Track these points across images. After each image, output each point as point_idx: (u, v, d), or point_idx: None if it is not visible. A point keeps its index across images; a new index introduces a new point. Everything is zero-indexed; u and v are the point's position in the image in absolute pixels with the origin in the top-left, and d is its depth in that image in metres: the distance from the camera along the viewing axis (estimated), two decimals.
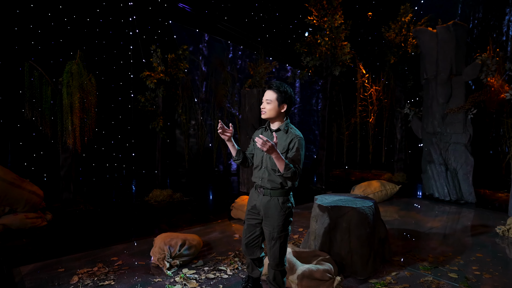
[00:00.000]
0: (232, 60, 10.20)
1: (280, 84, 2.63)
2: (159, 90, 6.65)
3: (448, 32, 6.32)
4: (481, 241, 4.36)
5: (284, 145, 2.60)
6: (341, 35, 6.95)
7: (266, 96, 2.60)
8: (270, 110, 2.59)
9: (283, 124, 2.67)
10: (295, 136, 2.60)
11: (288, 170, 2.49)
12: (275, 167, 2.61)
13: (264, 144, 2.31)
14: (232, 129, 2.64)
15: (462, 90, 6.38)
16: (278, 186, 2.64)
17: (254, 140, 2.81)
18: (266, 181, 2.65)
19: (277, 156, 2.39)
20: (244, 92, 7.14)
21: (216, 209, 6.01)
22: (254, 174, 2.78)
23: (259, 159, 2.71)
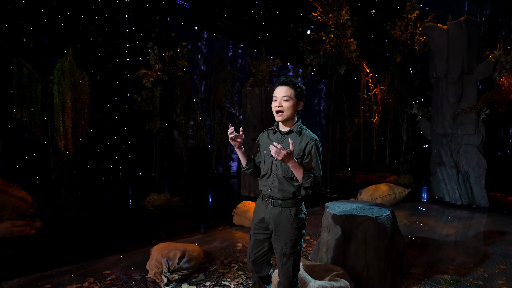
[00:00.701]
0: (232, 58, 9.89)
1: (293, 79, 2.32)
2: (156, 89, 6.33)
3: (459, 29, 6.03)
4: (502, 251, 4.07)
5: (299, 150, 2.29)
6: (347, 31, 6.65)
7: (281, 92, 2.25)
8: (288, 109, 2.25)
9: (296, 125, 2.35)
10: (311, 139, 2.29)
11: (307, 179, 2.18)
12: (287, 174, 2.30)
13: (278, 153, 2.04)
14: (242, 135, 2.33)
15: (474, 89, 6.10)
16: (290, 196, 2.33)
17: (260, 144, 2.51)
18: (276, 190, 2.34)
19: (294, 164, 2.11)
20: (245, 91, 6.84)
21: (217, 215, 5.69)
22: (262, 182, 2.46)
23: (268, 165, 2.40)
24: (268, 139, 2.45)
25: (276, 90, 2.30)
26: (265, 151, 2.42)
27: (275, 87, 2.33)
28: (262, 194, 2.48)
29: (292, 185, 2.33)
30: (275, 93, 2.30)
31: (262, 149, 2.47)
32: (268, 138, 2.46)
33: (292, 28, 10.71)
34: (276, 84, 2.34)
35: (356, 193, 6.62)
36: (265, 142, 2.45)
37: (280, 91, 2.27)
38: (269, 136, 2.47)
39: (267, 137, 2.47)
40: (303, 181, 2.19)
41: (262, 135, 2.54)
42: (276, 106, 2.27)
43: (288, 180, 2.32)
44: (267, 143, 2.43)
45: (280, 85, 2.28)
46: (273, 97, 2.31)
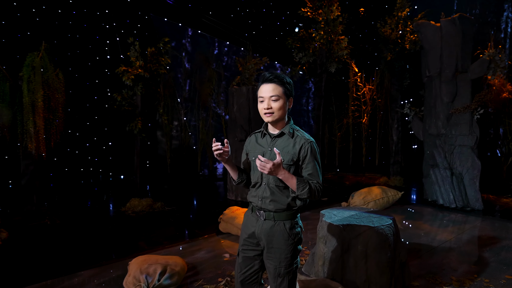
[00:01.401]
0: (217, 56, 9.55)
1: (280, 74, 2.00)
2: (137, 87, 5.95)
3: (453, 26, 5.85)
4: (504, 258, 3.86)
5: (293, 154, 2.00)
6: (337, 28, 6.41)
7: (268, 91, 1.95)
8: (279, 109, 1.96)
9: (287, 126, 2.06)
10: (306, 141, 2.01)
11: (303, 189, 1.91)
12: (281, 182, 2.01)
13: (264, 166, 1.84)
14: (229, 147, 2.02)
15: (468, 89, 5.93)
16: (283, 207, 2.04)
17: (248, 150, 2.20)
18: (268, 201, 2.04)
19: (284, 176, 1.90)
20: (232, 90, 6.51)
21: (202, 221, 5.35)
22: (251, 192, 2.15)
23: (258, 173, 2.09)
24: (257, 143, 2.14)
25: (261, 89, 1.98)
26: (254, 157, 2.11)
27: (260, 86, 2.01)
28: (251, 206, 2.17)
29: (286, 195, 2.03)
30: (260, 92, 1.98)
31: (251, 155, 2.16)
32: (256, 142, 2.15)
33: (280, 26, 10.43)
34: (261, 82, 2.01)
35: (347, 196, 6.39)
36: (253, 147, 2.14)
37: (266, 90, 1.95)
38: (257, 139, 2.16)
39: (255, 141, 2.16)
40: (298, 191, 1.93)
41: (250, 139, 2.22)
42: (265, 108, 1.96)
43: (282, 190, 2.03)
44: (255, 148, 2.13)
45: (265, 83, 1.97)
46: (259, 97, 1.99)
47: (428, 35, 6.19)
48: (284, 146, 2.03)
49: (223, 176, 9.57)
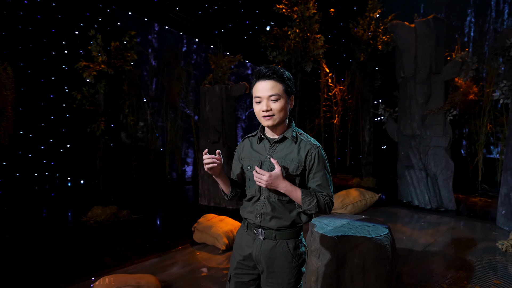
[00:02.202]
0: (186, 54, 9.10)
1: (279, 69, 1.69)
2: (100, 85, 5.42)
3: (428, 27, 5.86)
4: (488, 262, 3.82)
5: (298, 162, 1.71)
6: (314, 26, 6.23)
7: (266, 90, 1.65)
8: (280, 111, 1.67)
9: (290, 129, 1.76)
10: (312, 146, 1.73)
11: (310, 203, 1.64)
12: (283, 196, 1.72)
13: (260, 179, 1.63)
14: (221, 158, 1.72)
15: (441, 90, 5.96)
16: (287, 224, 1.75)
17: (242, 157, 1.88)
18: (268, 218, 1.74)
19: (286, 189, 1.65)
20: (203, 89, 6.14)
21: (174, 231, 4.93)
22: (246, 207, 1.84)
23: (255, 186, 1.78)
24: (252, 149, 1.82)
25: (257, 87, 1.67)
26: (250, 166, 1.80)
27: (255, 83, 1.70)
28: (247, 223, 1.84)
29: (290, 210, 1.74)
30: (256, 91, 1.67)
31: (246, 164, 1.83)
32: (251, 148, 1.83)
33: (252, 23, 10.15)
34: (256, 78, 1.69)
35: None
36: (249, 155, 1.82)
37: (264, 89, 1.65)
38: (252, 145, 1.84)
39: (250, 147, 1.84)
40: (305, 206, 1.66)
41: (243, 145, 1.90)
42: (264, 110, 1.66)
43: (285, 204, 1.74)
44: (251, 156, 1.81)
45: (262, 80, 1.65)
46: (255, 97, 1.68)
47: (402, 36, 6.17)
48: (287, 153, 1.74)
49: (192, 179, 9.14)
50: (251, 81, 1.80)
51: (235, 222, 4.37)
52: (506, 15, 8.49)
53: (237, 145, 1.99)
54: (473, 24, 8.96)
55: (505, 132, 7.34)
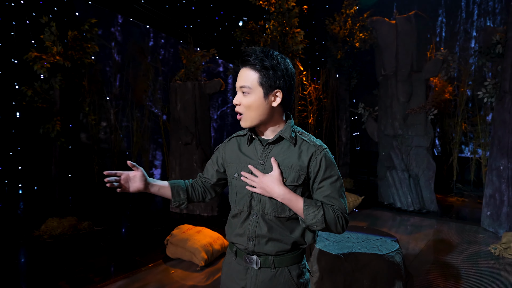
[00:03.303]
0: (153, 49, 8.47)
1: (262, 51, 1.32)
2: (55, 79, 4.76)
3: (409, 24, 5.70)
4: (485, 267, 3.63)
5: (299, 169, 1.35)
6: (293, 20, 5.88)
7: (240, 80, 1.34)
8: (249, 108, 1.34)
9: (287, 127, 1.40)
10: (317, 149, 1.36)
11: (315, 215, 1.29)
12: (283, 211, 1.37)
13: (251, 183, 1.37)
14: (139, 169, 1.46)
15: (423, 88, 5.83)
16: (288, 248, 1.38)
17: (226, 161, 1.50)
18: (264, 241, 1.37)
19: (285, 196, 1.33)
20: (174, 86, 5.62)
21: (144, 245, 4.37)
22: (234, 228, 1.45)
23: (245, 198, 1.41)
24: (241, 152, 1.45)
25: (238, 76, 1.38)
26: (237, 173, 1.42)
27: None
28: (235, 249, 1.44)
29: (291, 229, 1.38)
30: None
31: (231, 171, 1.46)
32: (239, 151, 1.45)
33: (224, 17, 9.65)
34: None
35: None
36: (236, 159, 1.45)
37: (238, 78, 1.35)
38: (240, 147, 1.46)
39: (238, 150, 1.46)
40: (308, 220, 1.31)
41: (228, 146, 1.51)
42: (234, 103, 1.37)
43: (284, 223, 1.39)
44: (238, 160, 1.44)
45: (241, 66, 1.34)
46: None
47: (383, 32, 5.98)
48: (284, 158, 1.37)
49: None
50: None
51: (213, 233, 3.92)
52: (475, 16, 8.61)
53: (219, 145, 1.59)
54: (444, 24, 9.03)
55: (478, 131, 7.40)
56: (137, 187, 1.44)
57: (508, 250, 3.85)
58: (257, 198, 1.40)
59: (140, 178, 1.43)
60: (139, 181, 1.44)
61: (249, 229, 1.39)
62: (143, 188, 1.45)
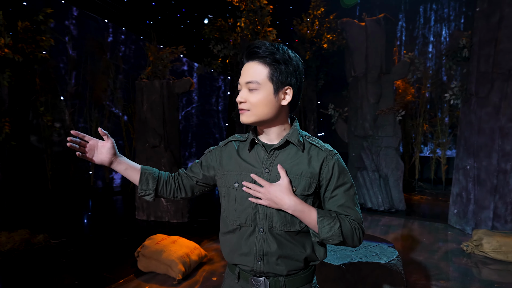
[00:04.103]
0: (112, 45, 7.94)
1: (272, 45, 1.19)
2: (3, 75, 4.22)
3: (378, 26, 5.79)
4: (461, 267, 3.70)
5: (310, 177, 1.22)
6: (266, 19, 5.74)
7: (245, 74, 1.18)
8: (257, 105, 1.19)
9: (294, 130, 1.26)
10: (328, 154, 1.25)
11: (332, 227, 1.17)
12: (293, 224, 1.23)
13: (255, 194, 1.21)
14: (109, 139, 1.33)
15: (391, 90, 5.95)
16: (300, 266, 1.25)
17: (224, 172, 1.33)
18: (274, 260, 1.21)
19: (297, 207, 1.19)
20: (140, 84, 5.25)
21: (111, 258, 3.99)
22: (237, 248, 1.28)
23: (247, 210, 1.25)
24: (240, 158, 1.28)
25: (242, 69, 1.21)
26: (238, 183, 1.26)
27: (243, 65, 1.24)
28: (238, 271, 1.28)
29: (302, 244, 1.26)
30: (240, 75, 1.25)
31: (231, 180, 1.28)
32: (239, 157, 1.29)
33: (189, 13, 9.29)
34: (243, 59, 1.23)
35: None
36: (236, 166, 1.29)
37: (243, 72, 1.19)
38: (240, 152, 1.30)
39: (237, 156, 1.29)
40: (323, 234, 1.17)
41: (225, 150, 1.35)
42: (238, 100, 1.20)
43: (294, 237, 1.24)
44: (239, 167, 1.28)
45: (246, 59, 1.19)
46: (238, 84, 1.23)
47: (353, 34, 6.02)
48: (292, 165, 1.23)
49: (122, 188, 8.02)
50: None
51: (190, 243, 3.65)
52: (432, 21, 9.02)
53: (212, 149, 1.42)
54: (404, 29, 9.38)
55: (438, 131, 7.74)
56: (102, 159, 1.31)
57: (479, 247, 3.97)
58: (262, 211, 1.23)
59: (108, 150, 1.30)
60: (106, 153, 1.30)
61: (256, 247, 1.22)
62: (108, 161, 1.31)
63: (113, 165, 1.33)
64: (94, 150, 1.31)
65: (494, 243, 3.89)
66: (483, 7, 4.52)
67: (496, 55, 4.41)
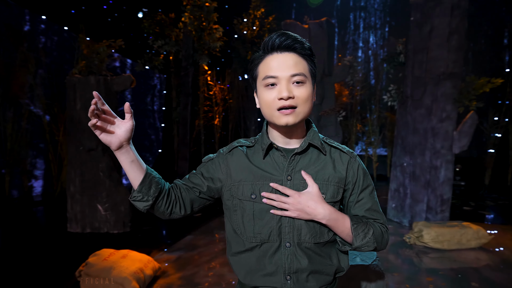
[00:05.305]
0: (30, 35, 6.98)
1: (299, 37, 1.11)
2: None
3: (321, 29, 5.97)
4: (408, 259, 3.96)
5: (338, 182, 1.16)
6: (212, 15, 5.53)
7: (287, 66, 1.05)
8: (306, 101, 1.09)
9: (314, 133, 1.19)
10: (351, 155, 1.20)
11: (366, 234, 1.12)
12: (322, 235, 1.14)
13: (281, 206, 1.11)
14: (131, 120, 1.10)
15: (332, 92, 6.19)
16: (330, 280, 1.17)
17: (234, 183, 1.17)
18: (305, 277, 1.12)
19: (331, 216, 1.11)
20: (72, 80, 4.67)
21: (44, 281, 3.44)
22: (258, 266, 1.14)
23: (272, 226, 1.13)
24: (254, 166, 1.15)
25: (268, 63, 1.07)
26: (255, 194, 1.13)
27: (262, 58, 1.09)
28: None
29: (330, 255, 1.18)
30: (268, 69, 1.06)
31: (245, 191, 1.15)
32: (251, 163, 1.15)
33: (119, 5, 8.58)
34: (265, 51, 1.08)
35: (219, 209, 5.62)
36: (247, 174, 1.15)
37: (282, 65, 1.05)
38: (251, 160, 1.16)
39: (249, 162, 1.16)
40: (357, 242, 1.13)
41: (232, 158, 1.20)
42: (283, 97, 1.04)
43: (321, 249, 1.16)
44: (253, 176, 1.14)
45: (278, 51, 1.06)
46: (266, 78, 1.05)
47: None
48: (317, 170, 1.15)
49: (43, 197, 7.10)
50: (252, 59, 1.15)
51: (142, 256, 3.32)
52: (361, 28, 9.66)
53: (212, 156, 1.26)
54: (336, 34, 9.88)
55: (369, 131, 8.30)
56: (111, 139, 1.07)
57: (420, 238, 4.30)
58: (288, 224, 1.12)
59: (126, 131, 1.08)
60: (123, 133, 1.07)
61: (285, 265, 1.11)
62: (118, 144, 1.08)
63: (121, 152, 1.09)
64: (106, 125, 1.07)
65: (433, 233, 4.23)
66: (416, 17, 4.91)
67: (428, 61, 4.82)
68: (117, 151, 1.09)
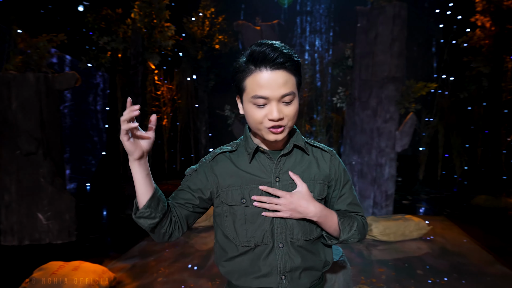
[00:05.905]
0: None
1: (283, 46, 1.10)
2: None
3: (272, 31, 6.08)
4: (360, 251, 4.18)
5: (323, 180, 1.21)
6: (165, 13, 5.33)
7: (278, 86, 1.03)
8: (294, 116, 1.10)
9: (297, 134, 1.21)
10: (331, 153, 1.27)
11: (351, 227, 1.19)
12: (312, 232, 1.18)
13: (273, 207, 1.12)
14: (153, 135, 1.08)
15: None
16: (319, 275, 1.23)
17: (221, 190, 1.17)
18: (298, 275, 1.16)
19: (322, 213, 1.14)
20: (6, 77, 4.22)
21: None
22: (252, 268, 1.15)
23: (264, 228, 1.14)
24: (241, 170, 1.16)
25: (257, 80, 1.04)
26: (244, 199, 1.14)
27: (252, 73, 1.05)
28: None
29: (319, 250, 1.23)
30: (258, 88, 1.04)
31: (234, 196, 1.15)
32: (238, 168, 1.16)
33: None
34: (255, 64, 1.04)
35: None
36: (235, 179, 1.16)
37: (273, 85, 1.03)
38: (237, 165, 1.17)
39: (235, 168, 1.17)
40: (344, 235, 1.18)
41: (217, 165, 1.19)
42: (274, 119, 1.04)
43: (310, 245, 1.20)
44: (241, 181, 1.16)
45: (268, 68, 1.03)
46: (256, 97, 1.04)
47: (249, 37, 6.17)
48: (303, 169, 1.20)
49: None
50: (237, 67, 1.11)
51: (96, 266, 3.11)
52: (308, 32, 9.99)
53: (196, 167, 1.23)
54: None
55: (316, 131, 8.61)
56: (134, 149, 1.01)
57: (369, 232, 4.56)
58: (280, 225, 1.15)
59: (148, 143, 1.05)
60: (145, 145, 1.04)
61: (280, 265, 1.14)
62: (139, 155, 1.03)
63: (140, 162, 1.04)
64: (136, 132, 1.02)
65: (381, 227, 4.52)
66: (363, 23, 5.21)
67: (373, 65, 5.13)
68: (137, 161, 1.04)
